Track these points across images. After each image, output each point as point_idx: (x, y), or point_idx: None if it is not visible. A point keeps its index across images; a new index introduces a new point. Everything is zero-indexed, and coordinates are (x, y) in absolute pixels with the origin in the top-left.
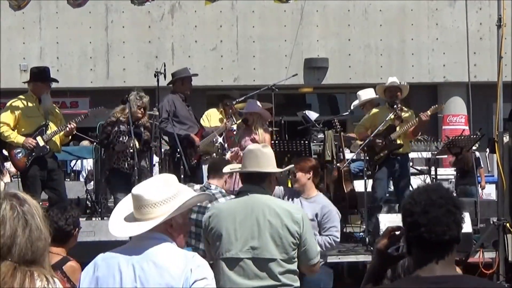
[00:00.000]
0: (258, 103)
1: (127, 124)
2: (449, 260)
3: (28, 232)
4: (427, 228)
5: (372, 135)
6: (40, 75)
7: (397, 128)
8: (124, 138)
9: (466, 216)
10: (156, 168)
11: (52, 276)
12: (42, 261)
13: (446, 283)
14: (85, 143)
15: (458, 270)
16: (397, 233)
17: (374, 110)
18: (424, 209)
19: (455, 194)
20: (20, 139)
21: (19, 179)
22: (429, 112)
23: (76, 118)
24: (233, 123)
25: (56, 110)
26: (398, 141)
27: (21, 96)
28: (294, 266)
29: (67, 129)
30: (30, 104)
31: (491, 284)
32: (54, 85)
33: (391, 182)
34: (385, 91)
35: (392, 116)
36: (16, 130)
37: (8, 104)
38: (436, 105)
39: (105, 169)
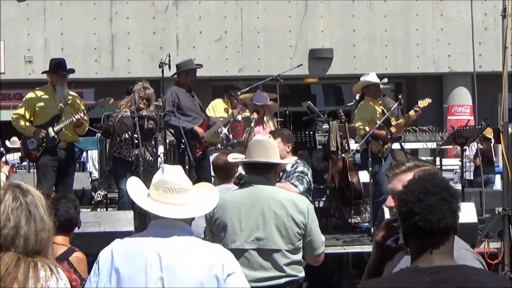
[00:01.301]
0: (265, 94)
1: (131, 112)
2: (447, 249)
3: (32, 223)
4: (422, 216)
5: (376, 126)
6: (53, 67)
7: (393, 121)
8: (124, 125)
9: (471, 206)
10: (161, 159)
11: (55, 267)
12: (46, 252)
13: (444, 273)
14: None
15: None
16: (395, 224)
17: (366, 105)
18: (418, 197)
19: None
20: (32, 130)
21: (34, 169)
22: (420, 106)
23: (80, 111)
24: (239, 113)
25: (75, 100)
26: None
27: (38, 88)
28: (299, 257)
29: (74, 120)
30: (46, 95)
31: (490, 274)
32: None
33: None
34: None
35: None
36: (32, 121)
37: (26, 95)
38: (420, 101)
39: (108, 159)
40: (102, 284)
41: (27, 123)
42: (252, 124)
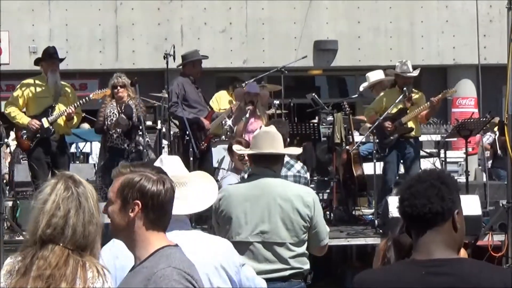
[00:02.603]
0: (256, 84)
1: (117, 104)
2: (445, 240)
3: (81, 214)
4: (409, 202)
5: (381, 118)
6: (44, 54)
7: (408, 111)
8: (114, 116)
9: (476, 199)
10: (165, 151)
11: (102, 268)
12: (93, 247)
13: (440, 267)
14: (86, 126)
15: (464, 253)
16: None
17: (384, 93)
18: (409, 184)
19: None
20: (25, 120)
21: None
22: (440, 96)
23: (75, 103)
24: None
25: (68, 91)
26: (410, 125)
27: (32, 78)
28: (304, 249)
29: (65, 113)
30: (40, 85)
31: (490, 267)
32: (63, 67)
33: (401, 165)
34: (398, 76)
35: (403, 100)
36: (25, 111)
37: (19, 85)
38: (447, 90)
39: (105, 151)
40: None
41: (21, 113)
42: (247, 115)
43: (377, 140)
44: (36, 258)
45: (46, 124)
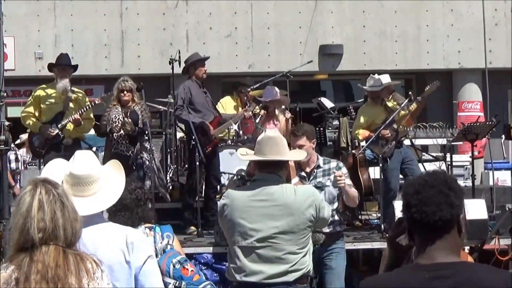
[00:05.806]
0: (276, 88)
1: (122, 109)
2: (449, 245)
3: (67, 213)
4: (418, 208)
5: (382, 127)
6: (56, 60)
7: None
8: (118, 122)
9: (482, 203)
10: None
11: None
12: (76, 243)
13: (443, 271)
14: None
15: (470, 258)
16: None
17: (362, 110)
18: (416, 190)
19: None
20: (37, 126)
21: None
22: (424, 95)
23: (82, 109)
24: (251, 110)
25: (80, 97)
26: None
27: (44, 85)
28: (308, 248)
29: (71, 120)
30: (50, 92)
31: (493, 269)
32: None
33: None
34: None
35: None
36: (38, 117)
37: (33, 91)
38: (428, 86)
39: (105, 157)
40: None
41: (35, 120)
42: (257, 120)
43: (375, 154)
44: (33, 262)
45: (55, 131)
